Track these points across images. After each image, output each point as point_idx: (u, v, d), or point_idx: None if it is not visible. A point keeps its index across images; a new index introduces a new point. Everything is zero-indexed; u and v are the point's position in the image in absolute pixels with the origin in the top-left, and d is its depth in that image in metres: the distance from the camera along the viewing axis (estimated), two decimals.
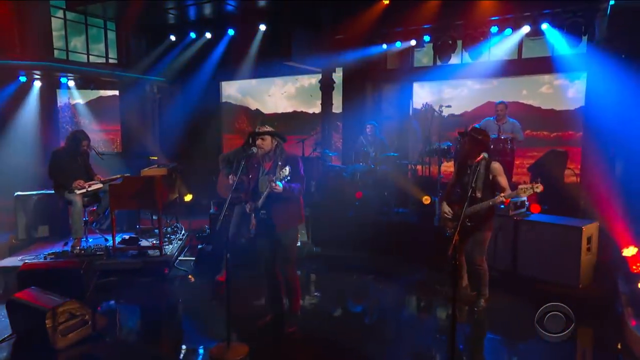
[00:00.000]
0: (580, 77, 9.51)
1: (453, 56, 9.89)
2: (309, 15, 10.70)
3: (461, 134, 6.18)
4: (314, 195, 9.62)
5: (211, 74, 12.30)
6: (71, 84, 11.64)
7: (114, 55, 12.70)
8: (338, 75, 11.66)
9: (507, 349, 5.40)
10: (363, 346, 5.17)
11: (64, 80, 11.38)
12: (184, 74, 12.51)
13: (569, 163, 9.24)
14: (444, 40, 9.63)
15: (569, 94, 9.92)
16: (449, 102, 9.59)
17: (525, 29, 9.00)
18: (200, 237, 8.17)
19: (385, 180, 9.24)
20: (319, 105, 11.93)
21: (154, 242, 7.70)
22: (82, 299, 5.54)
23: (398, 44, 10.32)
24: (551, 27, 8.73)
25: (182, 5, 11.05)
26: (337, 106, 11.79)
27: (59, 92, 11.90)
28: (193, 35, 11.91)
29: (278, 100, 13.26)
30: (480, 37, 9.28)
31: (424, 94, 11.52)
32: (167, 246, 7.82)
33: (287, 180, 4.87)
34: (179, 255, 7.94)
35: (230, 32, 11.47)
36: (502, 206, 6.63)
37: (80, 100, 12.77)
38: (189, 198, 9.04)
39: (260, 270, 5.58)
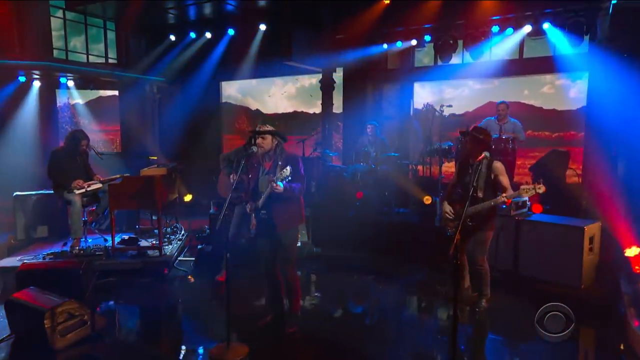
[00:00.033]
0: (582, 77, 9.49)
1: (454, 56, 9.90)
2: (310, 15, 10.69)
3: (462, 134, 6.14)
4: (315, 195, 9.61)
5: (211, 74, 12.27)
6: (70, 84, 11.63)
7: (113, 55, 12.68)
8: (338, 75, 11.64)
9: (509, 350, 5.36)
10: (364, 347, 5.14)
11: (63, 80, 11.37)
12: (183, 74, 12.48)
13: (570, 163, 9.21)
14: (444, 40, 9.62)
15: (570, 93, 9.88)
16: (450, 102, 9.56)
17: (527, 28, 8.99)
18: (200, 238, 8.15)
19: (385, 180, 9.22)
20: (319, 105, 11.91)
21: (154, 243, 7.67)
22: (81, 299, 5.51)
23: (399, 43, 10.31)
24: (553, 27, 8.71)
25: (182, 5, 11.03)
26: (338, 106, 11.78)
27: (58, 92, 11.90)
28: (193, 35, 11.89)
29: (278, 100, 13.23)
30: (481, 37, 9.26)
31: (425, 94, 11.49)
32: (167, 246, 7.79)
33: (288, 180, 4.84)
34: (178, 255, 7.92)
35: (230, 32, 11.44)
36: (504, 206, 6.60)
37: (79, 100, 12.75)
38: (188, 198, 9.01)
39: (260, 270, 5.56)
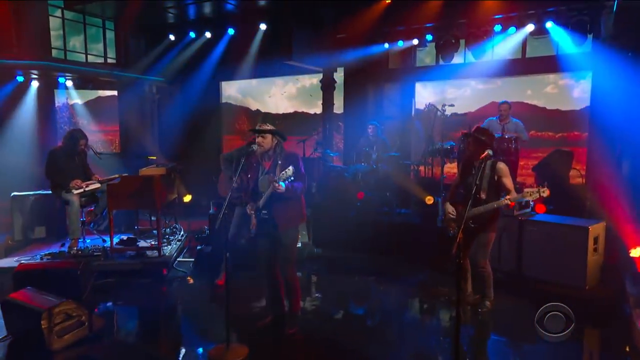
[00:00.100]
0: (586, 77, 9.45)
1: (456, 55, 9.87)
2: (310, 14, 10.66)
3: (465, 136, 6.10)
4: (315, 195, 9.59)
5: (211, 74, 12.22)
6: (69, 83, 11.61)
7: (112, 54, 12.65)
8: (339, 75, 11.61)
9: (512, 351, 5.32)
10: (365, 348, 5.09)
11: (61, 80, 11.35)
12: (183, 74, 12.44)
13: (574, 164, 9.12)
14: (446, 39, 9.59)
15: (574, 93, 9.85)
16: (452, 102, 9.47)
17: (530, 27, 8.95)
18: (200, 238, 8.12)
19: (387, 180, 9.17)
20: (320, 106, 11.87)
21: (153, 243, 7.63)
22: (79, 300, 5.44)
23: (400, 43, 10.28)
24: (556, 26, 8.67)
25: (182, 5, 10.98)
26: (339, 106, 11.74)
27: (56, 92, 11.91)
28: (192, 34, 11.83)
29: (279, 100, 13.19)
30: (483, 36, 9.23)
31: (426, 94, 11.45)
32: (166, 247, 7.74)
33: (291, 180, 4.78)
34: (177, 256, 7.87)
35: (230, 32, 11.39)
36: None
37: (78, 101, 12.68)
38: (188, 199, 8.95)
39: (260, 270, 5.53)
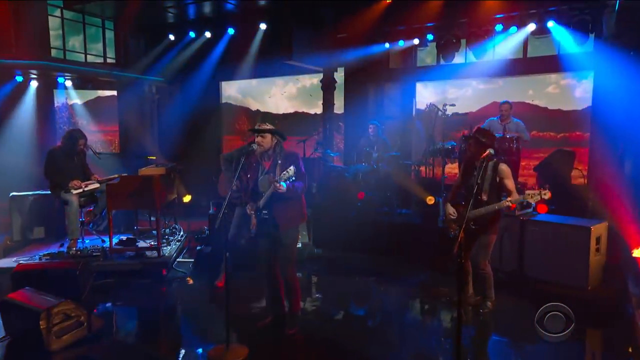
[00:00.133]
0: (588, 77, 9.42)
1: (457, 55, 9.84)
2: (310, 14, 10.62)
3: (465, 137, 6.08)
4: (316, 196, 9.55)
5: (211, 74, 12.18)
6: (68, 83, 11.62)
7: (112, 54, 12.64)
8: (340, 75, 11.59)
9: (514, 352, 5.29)
10: (365, 349, 5.07)
11: (61, 80, 11.35)
12: (183, 74, 12.41)
13: (576, 164, 9.09)
14: (447, 39, 9.57)
15: (576, 93, 9.83)
16: (453, 102, 9.43)
17: (531, 26, 8.91)
18: (199, 239, 8.08)
19: (387, 180, 9.14)
20: (320, 106, 11.84)
21: (152, 244, 7.59)
22: (78, 301, 5.40)
23: (401, 42, 10.26)
24: (557, 25, 8.64)
25: (182, 4, 10.94)
26: (339, 106, 11.72)
27: (56, 92, 11.90)
28: (192, 34, 11.79)
29: (279, 100, 13.17)
30: (484, 36, 9.20)
31: (427, 94, 11.42)
32: (165, 247, 7.70)
33: (292, 180, 4.76)
34: (177, 256, 7.82)
35: (230, 31, 11.35)
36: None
37: (77, 101, 12.67)
38: (187, 199, 8.90)
39: (260, 270, 5.51)
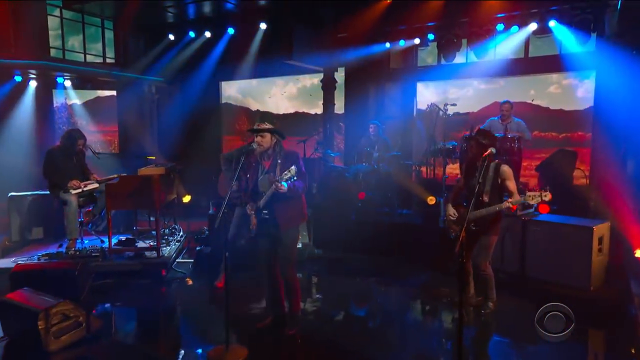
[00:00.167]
0: (590, 76, 9.39)
1: (458, 55, 9.80)
2: (310, 13, 10.60)
3: (467, 139, 6.05)
4: (316, 196, 9.52)
5: (211, 74, 12.17)
6: (67, 83, 11.60)
7: (111, 54, 12.61)
8: (340, 75, 11.56)
9: (516, 352, 5.26)
10: (366, 350, 5.04)
11: (60, 80, 11.34)
12: (182, 74, 12.40)
13: (578, 164, 9.05)
14: (448, 39, 9.54)
15: (578, 93, 9.79)
16: (454, 102, 9.40)
17: (532, 26, 8.89)
18: (199, 239, 8.07)
19: (388, 180, 9.12)
20: (320, 106, 11.82)
21: (151, 244, 7.56)
22: (77, 301, 5.37)
23: (401, 42, 10.24)
24: (559, 24, 8.61)
25: (181, 4, 10.92)
26: (340, 106, 11.70)
27: (55, 92, 11.88)
28: (192, 34, 11.77)
29: (279, 101, 13.14)
30: (485, 35, 9.18)
31: (428, 94, 11.39)
32: (165, 248, 7.65)
33: (294, 180, 4.73)
34: (176, 257, 7.79)
35: (230, 31, 11.33)
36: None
37: (77, 101, 12.65)
38: (187, 199, 8.87)
39: (260, 270, 5.47)
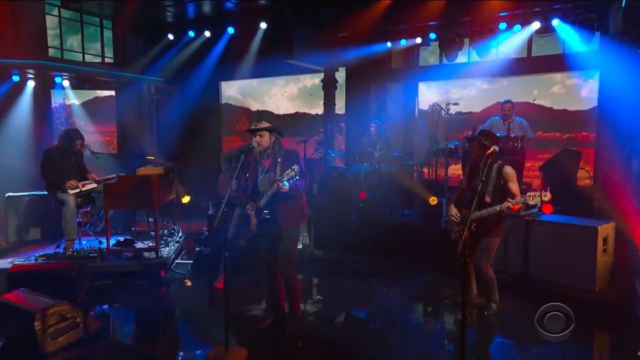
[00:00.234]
0: (594, 76, 9.32)
1: (460, 54, 9.72)
2: (311, 13, 10.55)
3: (469, 139, 5.98)
4: (317, 196, 9.47)
5: (210, 74, 12.11)
6: (66, 83, 11.55)
7: (110, 54, 12.55)
8: (341, 75, 11.51)
9: (519, 353, 5.22)
10: (367, 351, 5.01)
11: (58, 79, 11.28)
12: (182, 74, 12.37)
13: (582, 164, 8.98)
14: (450, 38, 9.46)
15: (582, 93, 9.72)
16: (456, 102, 9.33)
17: (535, 25, 8.80)
18: (198, 240, 8.06)
19: (390, 181, 9.05)
20: (321, 106, 11.77)
21: (150, 245, 7.50)
22: (75, 302, 5.32)
23: (403, 41, 10.16)
24: (562, 23, 8.53)
25: (181, 3, 10.85)
26: (340, 106, 11.65)
27: (53, 92, 11.82)
28: (192, 33, 11.70)
29: (279, 100, 13.07)
30: (488, 35, 9.10)
31: (430, 94, 11.32)
32: (164, 248, 7.60)
33: (296, 179, 4.66)
34: (175, 258, 7.74)
35: (230, 31, 11.26)
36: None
37: (75, 101, 12.60)
38: (186, 199, 8.80)
39: (260, 270, 5.46)
